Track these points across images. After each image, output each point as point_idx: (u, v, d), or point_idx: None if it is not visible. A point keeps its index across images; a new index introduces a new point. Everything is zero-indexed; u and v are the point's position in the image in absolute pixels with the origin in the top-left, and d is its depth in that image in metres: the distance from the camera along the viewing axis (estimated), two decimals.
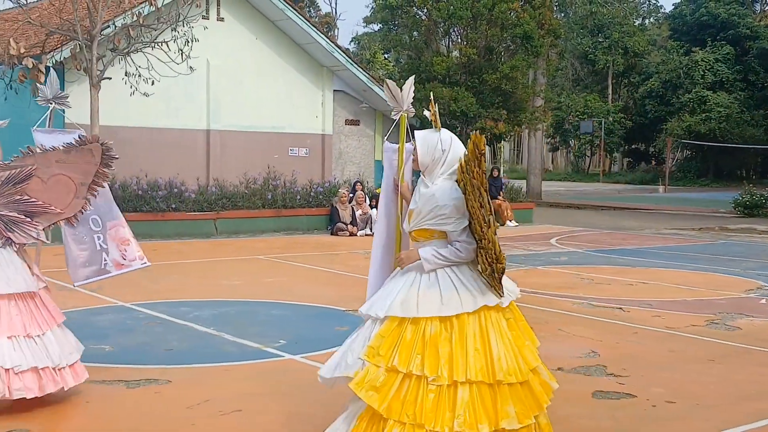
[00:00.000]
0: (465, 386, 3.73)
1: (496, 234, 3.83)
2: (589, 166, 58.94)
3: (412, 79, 4.24)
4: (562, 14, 51.87)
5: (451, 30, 24.61)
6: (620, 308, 8.87)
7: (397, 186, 4.35)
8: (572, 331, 7.60)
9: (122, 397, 5.34)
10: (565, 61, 49.79)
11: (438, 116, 4.06)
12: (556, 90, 49.53)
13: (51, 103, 5.70)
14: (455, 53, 24.70)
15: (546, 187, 35.53)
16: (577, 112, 49.69)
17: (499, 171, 22.01)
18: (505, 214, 19.57)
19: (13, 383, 4.83)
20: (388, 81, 4.27)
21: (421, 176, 4.11)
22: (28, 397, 4.91)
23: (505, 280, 3.98)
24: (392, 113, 4.30)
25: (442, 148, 4.02)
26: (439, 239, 3.99)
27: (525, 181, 31.02)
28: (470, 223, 3.86)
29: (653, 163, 54.48)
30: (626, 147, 55.47)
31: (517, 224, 19.49)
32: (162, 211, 15.15)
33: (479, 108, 22.31)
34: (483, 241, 3.79)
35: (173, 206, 15.28)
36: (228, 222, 15.97)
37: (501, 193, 19.94)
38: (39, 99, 5.77)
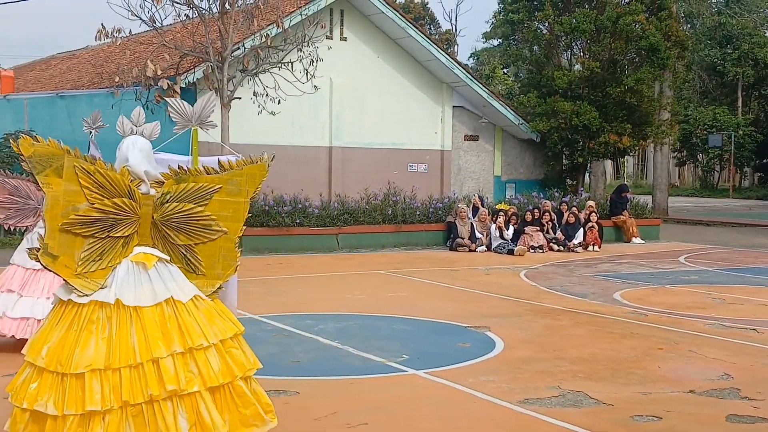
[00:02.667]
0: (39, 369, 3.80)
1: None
2: (718, 181, 56.70)
3: (210, 95, 4.31)
4: (689, 25, 50.33)
5: (573, 43, 24.24)
6: (754, 329, 8.52)
7: None
8: (704, 353, 7.36)
9: None
10: (692, 74, 48.19)
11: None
12: (683, 103, 47.89)
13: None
14: (577, 67, 24.31)
15: (672, 202, 34.40)
16: (706, 126, 47.94)
17: (627, 189, 21.25)
18: (630, 230, 19.09)
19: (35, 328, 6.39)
20: (169, 99, 4.30)
21: None
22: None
23: (154, 278, 3.90)
24: (175, 127, 4.33)
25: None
26: None
27: (650, 196, 30.15)
28: None
29: None
30: (757, 161, 53.02)
31: (643, 241, 18.96)
32: (287, 226, 15.56)
33: (602, 122, 21.89)
34: None
35: (298, 221, 15.67)
36: (349, 237, 16.23)
37: (626, 209, 19.45)
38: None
